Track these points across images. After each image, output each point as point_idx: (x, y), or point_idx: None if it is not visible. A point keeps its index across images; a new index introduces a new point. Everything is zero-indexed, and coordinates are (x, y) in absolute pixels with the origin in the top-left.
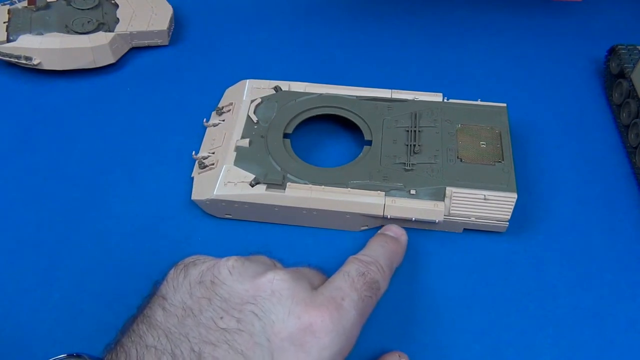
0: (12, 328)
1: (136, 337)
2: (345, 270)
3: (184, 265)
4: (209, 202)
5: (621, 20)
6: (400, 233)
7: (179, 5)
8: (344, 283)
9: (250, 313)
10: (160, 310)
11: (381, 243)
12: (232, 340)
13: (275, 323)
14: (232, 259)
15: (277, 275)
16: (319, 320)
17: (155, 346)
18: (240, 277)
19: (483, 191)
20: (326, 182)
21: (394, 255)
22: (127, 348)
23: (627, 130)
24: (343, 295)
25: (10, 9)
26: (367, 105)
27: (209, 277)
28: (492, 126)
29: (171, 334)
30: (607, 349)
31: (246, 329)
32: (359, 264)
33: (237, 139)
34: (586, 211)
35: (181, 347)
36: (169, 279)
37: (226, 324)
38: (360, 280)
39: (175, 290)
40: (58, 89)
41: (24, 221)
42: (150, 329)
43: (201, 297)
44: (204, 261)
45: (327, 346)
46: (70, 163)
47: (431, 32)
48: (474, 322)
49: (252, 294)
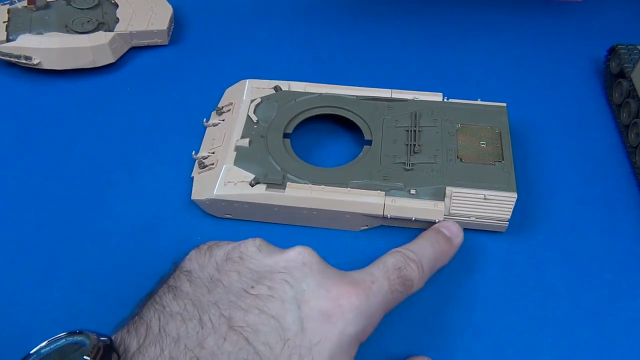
0: (12, 328)
1: (159, 307)
2: (383, 260)
3: (207, 246)
4: (209, 202)
5: (621, 20)
6: (457, 234)
7: (179, 5)
8: (378, 271)
9: (282, 281)
10: (186, 282)
11: (432, 241)
12: (263, 305)
13: (305, 292)
14: (258, 239)
15: (306, 250)
16: (346, 296)
17: (180, 313)
18: (269, 253)
19: (483, 191)
20: (326, 182)
21: (441, 257)
22: (148, 318)
23: (627, 130)
24: (374, 279)
25: (10, 8)
26: (367, 105)
27: (237, 253)
28: (492, 126)
29: (199, 302)
30: (607, 349)
31: (278, 296)
32: (399, 258)
33: (237, 138)
34: (586, 211)
35: (209, 313)
36: (192, 257)
37: (257, 291)
38: (394, 274)
39: (202, 267)
40: (58, 88)
41: (24, 221)
42: (177, 298)
43: (230, 270)
44: (228, 243)
45: (351, 322)
46: (70, 163)
47: (431, 31)
48: (474, 322)
49: (283, 264)
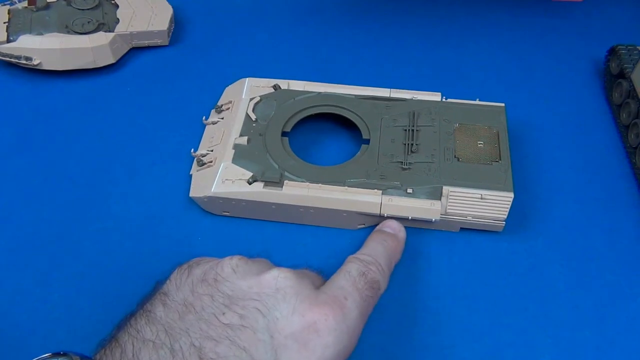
0: (12, 328)
1: (133, 331)
2: (346, 270)
3: (188, 265)
4: (207, 199)
5: (621, 20)
6: (398, 229)
7: (179, 5)
8: (346, 282)
9: (254, 309)
10: (160, 305)
11: (380, 241)
12: (234, 336)
13: (279, 320)
14: (235, 258)
15: (282, 273)
16: (322, 319)
17: (153, 340)
18: (244, 275)
19: (480, 190)
20: (323, 181)
21: (392, 254)
22: (123, 343)
23: (627, 130)
24: (346, 294)
25: (10, 9)
26: (365, 104)
27: (212, 275)
28: (490, 126)
29: (171, 328)
30: (607, 349)
31: (249, 325)
32: (360, 264)
33: (235, 136)
34: (586, 211)
35: (180, 341)
36: (172, 278)
37: (229, 319)
38: (361, 280)
39: (178, 288)
40: (58, 89)
41: (24, 221)
42: (149, 323)
43: (203, 294)
44: (208, 261)
45: (330, 345)
46: (70, 163)
47: (431, 31)
48: (472, 322)
49: (256, 290)
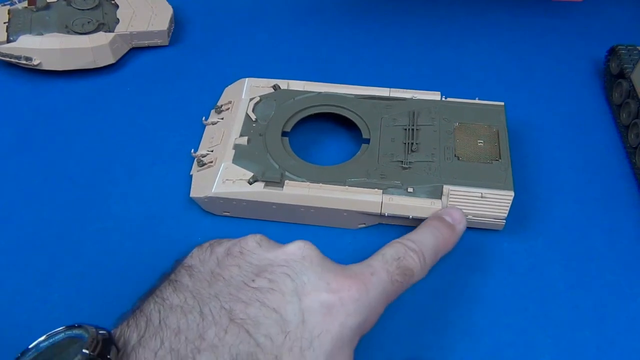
0: (12, 328)
1: (159, 300)
2: (382, 252)
3: (209, 244)
4: (208, 199)
5: (621, 20)
6: (459, 220)
7: (179, 5)
8: (377, 263)
9: (282, 274)
10: (187, 276)
11: (434, 229)
12: (263, 298)
13: (306, 284)
14: (258, 235)
15: (307, 244)
16: (346, 289)
17: (181, 306)
18: (269, 248)
19: (480, 189)
20: (324, 180)
21: (443, 245)
22: (148, 311)
23: (627, 130)
24: (373, 271)
25: (10, 9)
26: (365, 103)
27: (237, 249)
28: (489, 124)
29: (200, 294)
30: (607, 349)
31: (278, 288)
32: (399, 248)
33: (235, 137)
34: (586, 211)
35: (210, 305)
36: (194, 253)
37: (258, 284)
38: (393, 264)
39: (203, 262)
40: (58, 89)
41: (24, 221)
42: (177, 291)
43: (231, 264)
44: (228, 240)
45: (351, 314)
46: (70, 163)
47: (430, 31)
48: (472, 321)
49: (284, 257)
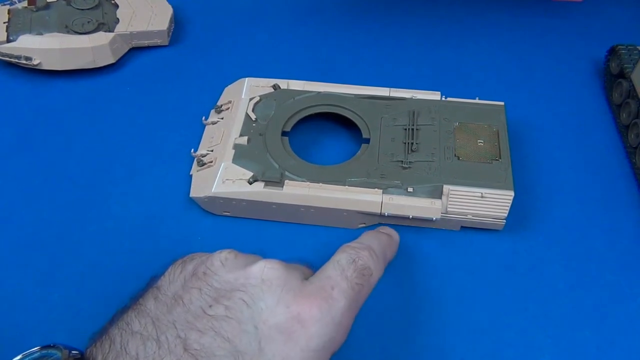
0: (12, 328)
1: (123, 324)
2: (335, 259)
3: (182, 261)
4: (207, 199)
5: (621, 20)
6: (393, 232)
7: (179, 5)
8: (334, 272)
9: (239, 300)
10: (152, 299)
11: (375, 234)
12: (219, 326)
13: (263, 311)
14: (225, 252)
15: (269, 264)
16: (307, 310)
17: (141, 332)
18: (232, 268)
19: (480, 189)
20: (324, 180)
21: (387, 246)
22: (112, 335)
23: (627, 130)
24: (333, 284)
25: (10, 9)
26: (365, 103)
27: (202, 269)
28: (489, 124)
29: (159, 321)
30: (607, 349)
31: (234, 316)
32: (350, 251)
33: (235, 136)
34: (586, 211)
35: (167, 333)
36: (166, 273)
37: (214, 311)
38: (350, 268)
39: (170, 282)
40: (58, 89)
41: (24, 221)
42: (139, 316)
43: (193, 287)
44: (200, 256)
45: (314, 335)
46: (70, 162)
47: (430, 31)
48: (473, 321)
49: (242, 282)
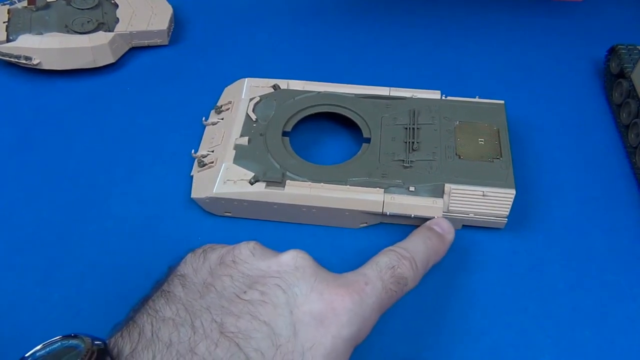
0: (12, 328)
1: (152, 311)
2: (375, 260)
3: (202, 250)
4: (209, 200)
5: (621, 20)
6: (448, 230)
7: (179, 5)
8: (371, 271)
9: (274, 286)
10: (179, 286)
11: (425, 239)
12: (255, 311)
13: (298, 296)
14: (252, 242)
15: (300, 253)
16: (339, 299)
17: (173, 318)
18: (262, 256)
19: (481, 188)
20: (325, 180)
21: (434, 254)
22: (141, 323)
23: (627, 130)
24: (367, 280)
25: (10, 8)
26: (365, 103)
27: (230, 257)
28: (490, 123)
29: (191, 306)
30: (607, 349)
31: (270, 301)
32: (392, 256)
33: (236, 137)
34: (586, 210)
35: (202, 318)
36: (187, 260)
37: (250, 296)
38: (388, 273)
39: (196, 271)
40: (58, 88)
41: (24, 221)
42: (169, 302)
43: (223, 274)
44: (222, 246)
45: (345, 325)
46: (70, 163)
47: (430, 31)
48: (474, 320)
49: (276, 269)
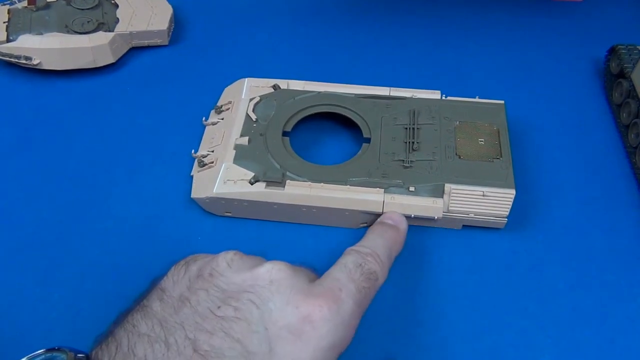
0: (12, 328)
1: (129, 326)
2: (342, 262)
3: (185, 262)
4: (209, 200)
5: (621, 20)
6: (400, 220)
7: (179, 5)
8: (342, 274)
9: (248, 301)
10: (157, 300)
11: (379, 233)
12: (228, 327)
13: (273, 311)
14: (230, 253)
15: (276, 266)
16: (317, 310)
17: (148, 334)
18: (239, 269)
19: (482, 187)
20: (325, 180)
21: (393, 245)
22: (119, 337)
23: (627, 130)
24: (340, 286)
25: (10, 9)
26: (365, 103)
27: (208, 270)
28: (490, 123)
29: (166, 322)
30: (607, 349)
31: (243, 317)
32: (357, 255)
33: (236, 137)
34: (586, 211)
35: (175, 335)
36: (169, 274)
37: (223, 312)
38: (357, 272)
39: (175, 283)
40: (58, 89)
41: (24, 221)
42: (145, 317)
43: (199, 288)
44: (204, 257)
45: (324, 336)
46: (70, 163)
47: (430, 31)
48: (474, 321)
49: (250, 283)
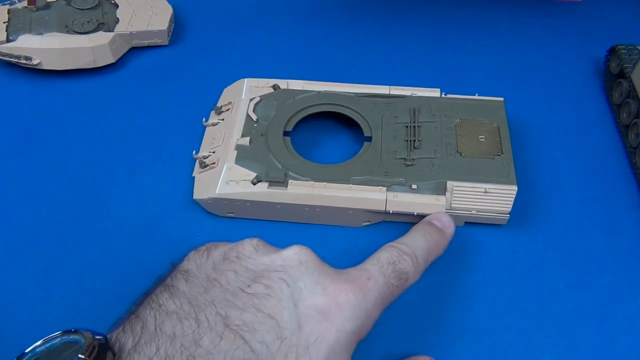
0: (12, 328)
1: (155, 305)
2: (376, 256)
3: (205, 247)
4: (211, 201)
5: (621, 20)
6: (448, 224)
7: (179, 5)
8: (373, 267)
9: (278, 280)
10: (183, 281)
11: (424, 234)
12: (259, 304)
13: (302, 290)
14: (255, 239)
15: (303, 249)
16: (343, 294)
17: (177, 312)
18: (266, 252)
19: (483, 184)
20: (328, 179)
21: (434, 249)
22: (144, 317)
23: (627, 130)
24: (369, 275)
25: (10, 9)
26: (365, 101)
27: (234, 253)
28: (490, 120)
29: (195, 300)
30: (607, 349)
31: (274, 294)
32: (393, 252)
33: (237, 137)
34: (586, 210)
35: (206, 312)
36: (190, 257)
37: (254, 290)
38: (389, 268)
39: (199, 267)
40: (58, 89)
41: (24, 221)
42: (173, 297)
43: (227, 269)
44: (225, 244)
45: (348, 319)
46: (70, 163)
47: (430, 31)
48: (473, 320)
49: (280, 263)
